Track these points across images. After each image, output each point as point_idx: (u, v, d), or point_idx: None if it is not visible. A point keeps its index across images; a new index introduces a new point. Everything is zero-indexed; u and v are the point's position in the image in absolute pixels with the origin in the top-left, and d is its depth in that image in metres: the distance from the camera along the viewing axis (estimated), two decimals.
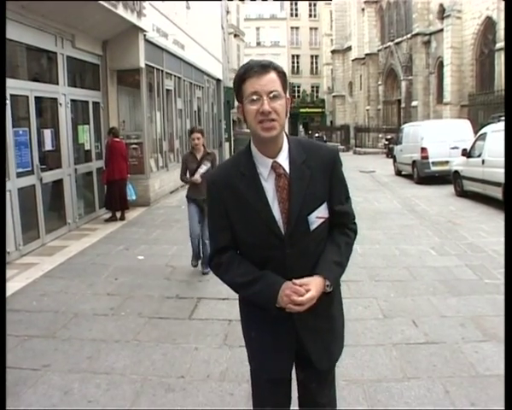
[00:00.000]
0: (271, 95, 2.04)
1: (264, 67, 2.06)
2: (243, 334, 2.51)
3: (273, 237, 2.17)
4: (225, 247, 2.30)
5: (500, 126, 12.21)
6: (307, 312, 2.15)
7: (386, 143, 33.13)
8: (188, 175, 7.27)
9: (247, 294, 2.28)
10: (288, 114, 2.21)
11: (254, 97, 2.05)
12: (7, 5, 8.06)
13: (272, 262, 2.20)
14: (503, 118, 13.05)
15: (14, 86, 8.52)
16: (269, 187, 2.17)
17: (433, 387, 4.04)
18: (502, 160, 10.74)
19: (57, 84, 10.28)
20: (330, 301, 2.35)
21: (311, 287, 2.10)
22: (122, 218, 11.63)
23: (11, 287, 6.77)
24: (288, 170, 2.17)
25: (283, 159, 2.18)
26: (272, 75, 2.07)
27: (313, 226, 2.20)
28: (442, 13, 34.44)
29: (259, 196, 2.16)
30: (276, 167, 2.16)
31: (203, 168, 7.01)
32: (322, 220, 2.23)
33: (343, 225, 2.33)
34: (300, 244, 2.19)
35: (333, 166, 2.26)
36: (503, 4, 26.22)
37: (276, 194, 2.17)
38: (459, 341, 4.91)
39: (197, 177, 7.02)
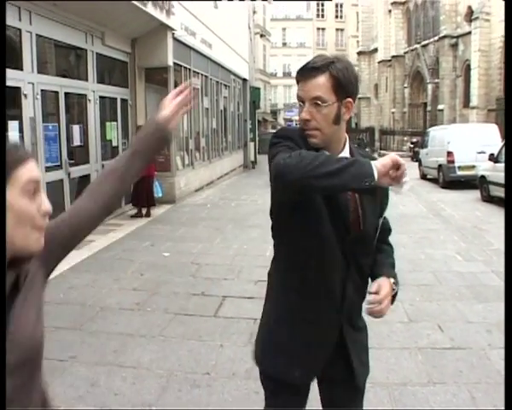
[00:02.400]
0: (314, 102, 1.93)
1: (314, 70, 1.93)
2: (264, 332, 2.31)
3: (342, 230, 2.02)
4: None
5: None
6: (348, 323, 2.15)
7: (412, 146, 32.82)
8: None
9: (336, 182, 1.75)
10: (346, 118, 2.01)
11: (300, 103, 1.97)
12: (39, 2, 8.26)
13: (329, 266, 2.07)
14: None
15: (44, 82, 8.67)
16: None
17: (459, 392, 4.01)
18: None
19: (86, 80, 10.43)
20: (361, 312, 2.31)
21: (382, 287, 2.05)
22: (148, 214, 11.72)
23: None
24: None
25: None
26: (320, 79, 1.92)
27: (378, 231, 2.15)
28: (470, 15, 34.04)
29: None
30: None
31: None
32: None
33: (384, 241, 2.31)
34: (360, 249, 2.10)
35: None
36: None
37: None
38: (485, 347, 4.86)
39: None
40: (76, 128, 10.03)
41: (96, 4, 9.44)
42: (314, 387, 2.30)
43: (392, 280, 2.12)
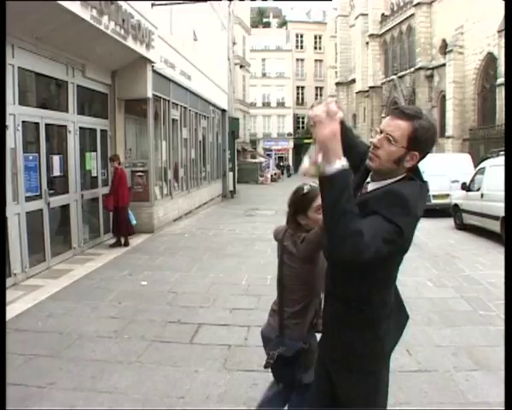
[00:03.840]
0: (387, 136, 2.21)
1: (403, 114, 2.22)
2: None
3: None
4: None
5: (498, 161, 12.44)
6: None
7: None
8: None
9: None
10: (407, 166, 2.27)
11: (377, 130, 2.29)
12: (21, 36, 8.45)
13: None
14: (502, 153, 13.31)
15: (25, 113, 8.81)
16: None
17: None
18: (500, 194, 11.07)
19: (67, 111, 10.57)
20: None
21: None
22: (126, 244, 11.80)
23: (17, 307, 6.96)
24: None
25: (372, 185, 2.36)
26: (402, 123, 2.20)
27: None
28: (444, 48, 35.01)
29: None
30: (364, 187, 2.42)
31: None
32: None
33: None
34: None
35: (376, 200, 2.23)
36: (503, 41, 26.76)
37: None
38: (451, 369, 5.05)
39: None
40: (56, 158, 10.12)
41: (77, 38, 9.66)
42: None
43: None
